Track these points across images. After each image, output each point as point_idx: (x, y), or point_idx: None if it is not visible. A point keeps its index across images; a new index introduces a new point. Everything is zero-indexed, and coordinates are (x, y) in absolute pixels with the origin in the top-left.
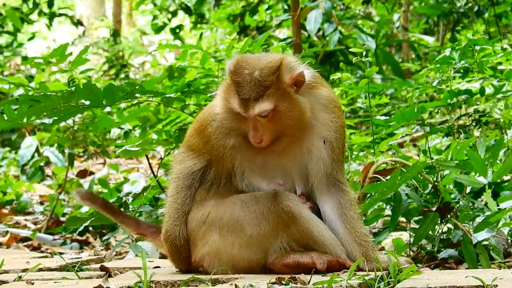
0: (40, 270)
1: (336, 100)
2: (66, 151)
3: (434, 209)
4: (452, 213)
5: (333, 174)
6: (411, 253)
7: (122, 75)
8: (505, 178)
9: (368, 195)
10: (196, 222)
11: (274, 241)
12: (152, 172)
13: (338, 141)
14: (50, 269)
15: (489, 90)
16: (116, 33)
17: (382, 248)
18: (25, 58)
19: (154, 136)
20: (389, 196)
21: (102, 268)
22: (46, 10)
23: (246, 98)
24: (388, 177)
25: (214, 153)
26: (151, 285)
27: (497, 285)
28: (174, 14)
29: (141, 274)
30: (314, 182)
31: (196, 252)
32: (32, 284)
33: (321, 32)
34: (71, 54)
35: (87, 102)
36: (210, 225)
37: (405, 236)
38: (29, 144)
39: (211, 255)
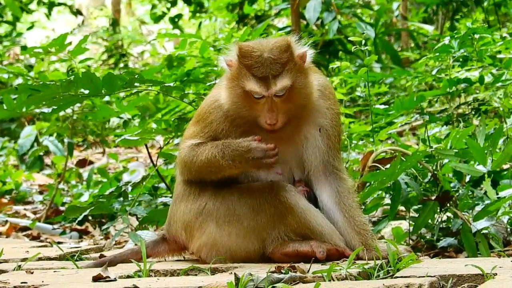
0: (40, 259)
1: (330, 87)
2: (65, 140)
3: (433, 198)
4: (451, 202)
5: (330, 162)
6: (411, 242)
7: (121, 65)
8: (505, 166)
9: (368, 184)
10: (193, 213)
11: (271, 232)
12: (152, 161)
13: (334, 128)
14: (50, 259)
15: (488, 79)
16: (115, 23)
17: (382, 237)
18: (24, 48)
19: (153, 125)
20: (389, 185)
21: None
22: None
23: (264, 76)
24: (388, 166)
25: (213, 136)
26: (151, 274)
27: (496, 274)
28: (173, 3)
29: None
30: (311, 170)
31: (193, 243)
32: (32, 273)
33: (320, 21)
34: (70, 43)
35: (86, 91)
36: (207, 216)
37: (404, 225)
38: (28, 133)
39: (208, 246)
